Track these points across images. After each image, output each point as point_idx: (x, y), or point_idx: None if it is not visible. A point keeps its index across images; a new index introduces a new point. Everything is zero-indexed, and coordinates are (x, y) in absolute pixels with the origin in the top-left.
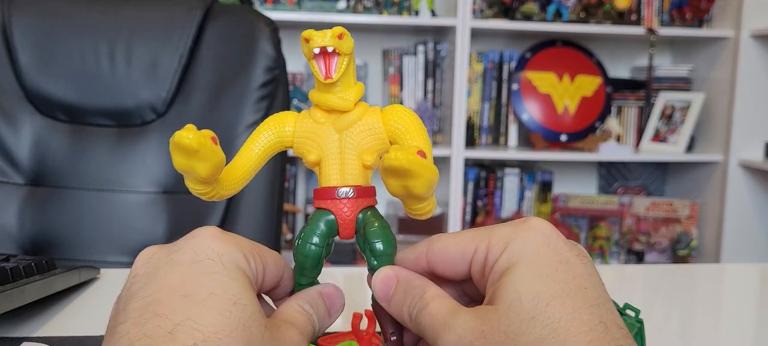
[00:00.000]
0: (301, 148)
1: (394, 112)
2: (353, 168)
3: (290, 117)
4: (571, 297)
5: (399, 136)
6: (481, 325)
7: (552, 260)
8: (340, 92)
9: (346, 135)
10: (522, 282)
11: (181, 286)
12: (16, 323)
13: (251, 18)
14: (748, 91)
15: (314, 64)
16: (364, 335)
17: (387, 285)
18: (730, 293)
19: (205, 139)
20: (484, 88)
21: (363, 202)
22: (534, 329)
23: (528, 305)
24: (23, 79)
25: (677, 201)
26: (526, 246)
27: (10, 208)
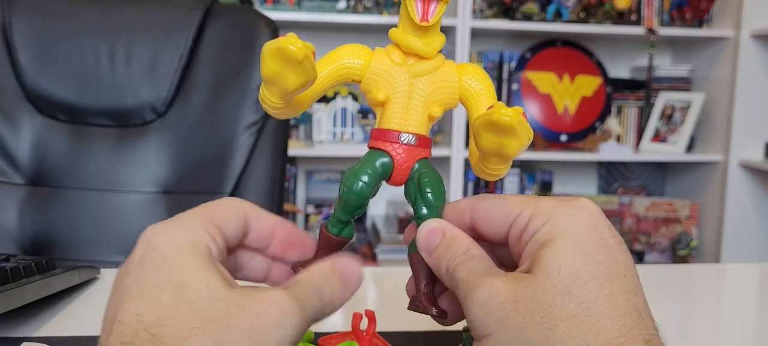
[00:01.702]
0: (369, 85)
1: (472, 69)
2: (418, 115)
3: (364, 51)
4: (610, 281)
5: (473, 96)
6: (515, 288)
7: (595, 241)
8: (426, 37)
9: (420, 82)
10: (563, 256)
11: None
12: (16, 323)
13: (251, 18)
14: (748, 91)
15: (412, 4)
16: (364, 335)
17: (432, 237)
18: (730, 293)
19: (310, 50)
20: None
21: (421, 151)
22: (569, 304)
23: (567, 279)
24: (23, 79)
25: (677, 201)
26: (572, 223)
27: (10, 208)
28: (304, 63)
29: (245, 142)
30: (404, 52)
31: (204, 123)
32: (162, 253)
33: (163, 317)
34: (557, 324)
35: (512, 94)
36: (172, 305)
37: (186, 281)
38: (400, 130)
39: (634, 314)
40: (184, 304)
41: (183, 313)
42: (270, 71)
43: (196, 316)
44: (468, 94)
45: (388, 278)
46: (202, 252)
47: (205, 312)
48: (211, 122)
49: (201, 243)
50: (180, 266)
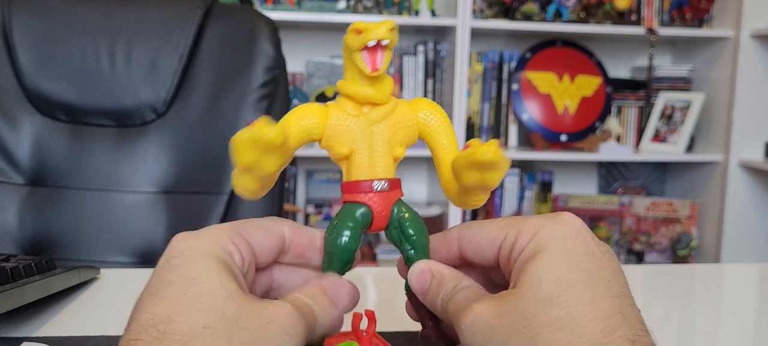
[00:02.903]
0: (330, 142)
1: (425, 105)
2: (384, 160)
3: (317, 109)
4: (593, 286)
5: (432, 131)
6: (499, 306)
7: (578, 250)
8: (377, 85)
9: (378, 128)
10: (545, 267)
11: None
12: (16, 323)
13: (251, 18)
14: (748, 91)
15: (360, 56)
16: (364, 335)
17: (423, 278)
18: (730, 293)
19: (284, 134)
20: (484, 88)
21: (396, 194)
22: (550, 311)
23: (547, 287)
24: (23, 79)
25: (677, 201)
26: (554, 235)
27: (10, 208)
28: (282, 147)
29: None
30: (359, 102)
31: (204, 123)
32: (183, 255)
33: (174, 314)
34: (540, 331)
35: (512, 94)
36: (183, 301)
37: (201, 279)
38: (370, 178)
39: (618, 316)
40: (196, 301)
41: (195, 310)
42: (248, 161)
43: (209, 314)
44: (426, 129)
45: (388, 278)
46: (222, 258)
47: (218, 311)
48: (211, 122)
49: (223, 250)
50: (198, 265)
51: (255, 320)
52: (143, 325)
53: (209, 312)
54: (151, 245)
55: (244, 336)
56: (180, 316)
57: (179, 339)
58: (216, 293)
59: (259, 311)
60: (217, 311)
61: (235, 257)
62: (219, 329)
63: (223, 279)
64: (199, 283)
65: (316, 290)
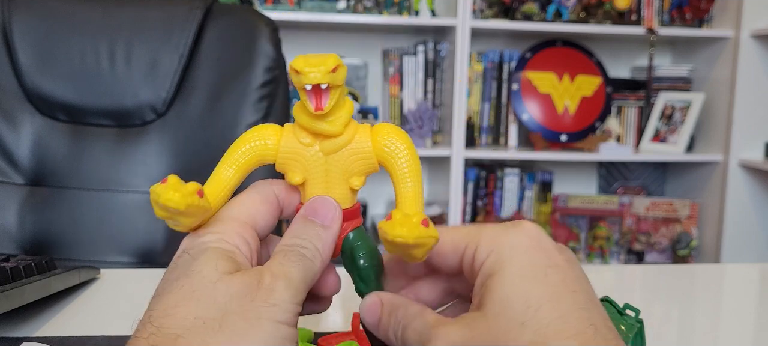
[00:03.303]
0: (284, 167)
1: (384, 133)
2: (340, 191)
3: (273, 132)
4: (561, 301)
5: (390, 162)
6: (469, 332)
7: (541, 263)
8: (330, 117)
9: (334, 158)
10: (511, 286)
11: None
12: (16, 323)
13: (251, 18)
14: (748, 91)
15: (304, 95)
16: (365, 335)
17: (373, 311)
18: (730, 293)
19: (191, 198)
20: (484, 88)
21: (351, 224)
22: (524, 334)
23: (518, 309)
24: (23, 79)
25: (677, 201)
26: (515, 248)
27: (10, 208)
28: (188, 211)
29: None
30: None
31: (204, 123)
32: (187, 253)
33: (169, 307)
34: None
35: (512, 94)
36: (178, 294)
37: (198, 270)
38: None
39: (590, 330)
40: (190, 292)
41: (187, 301)
42: (160, 216)
43: (199, 304)
44: (386, 160)
45: None
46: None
47: (209, 299)
48: (211, 122)
49: (229, 244)
50: (198, 260)
51: (243, 301)
52: (143, 322)
53: (199, 301)
54: (151, 245)
55: (233, 322)
56: (173, 309)
57: (172, 333)
58: (209, 279)
59: (247, 290)
60: (208, 299)
61: (242, 249)
62: (210, 317)
63: (219, 264)
64: (195, 274)
65: (299, 222)
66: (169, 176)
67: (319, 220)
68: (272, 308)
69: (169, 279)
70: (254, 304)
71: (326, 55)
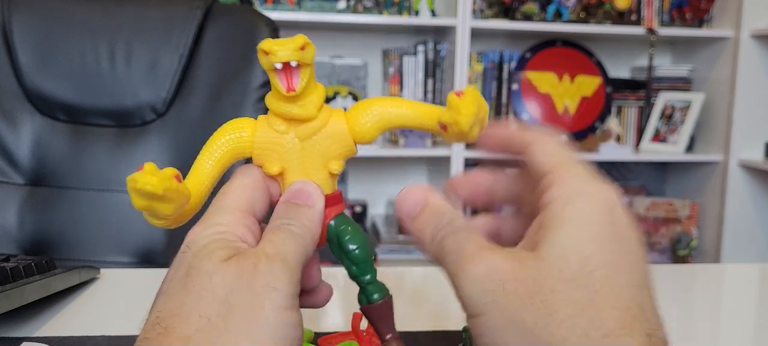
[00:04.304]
0: (261, 159)
1: (358, 111)
2: (319, 177)
3: (247, 124)
4: (617, 273)
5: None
6: (517, 267)
7: (610, 230)
8: (302, 100)
9: (310, 143)
10: (573, 241)
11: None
12: (16, 323)
13: (251, 18)
14: (748, 91)
15: (274, 76)
16: (364, 335)
17: (413, 205)
18: (730, 293)
19: (169, 181)
20: (484, 88)
21: (333, 210)
22: (572, 292)
23: (573, 266)
24: (23, 79)
25: (677, 201)
26: (590, 206)
27: (10, 208)
28: (167, 195)
29: None
30: (286, 119)
31: (204, 123)
32: (189, 248)
33: (175, 307)
34: (557, 310)
35: (512, 94)
36: (183, 292)
37: (201, 265)
38: None
39: (637, 309)
40: (194, 289)
41: (192, 299)
42: (140, 206)
43: (202, 301)
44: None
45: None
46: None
47: (211, 296)
48: (211, 122)
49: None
50: (201, 255)
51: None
52: (151, 323)
53: (201, 298)
54: (151, 245)
55: (236, 317)
56: (179, 308)
57: (182, 333)
58: (205, 272)
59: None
60: (208, 294)
61: (248, 240)
62: (214, 314)
63: (214, 254)
64: (195, 270)
65: (282, 206)
66: (145, 164)
67: (301, 201)
68: (273, 294)
69: (174, 277)
70: (254, 292)
71: (294, 36)
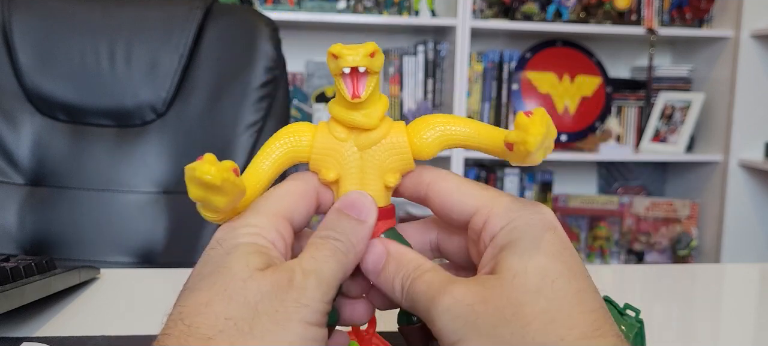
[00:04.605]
0: (318, 165)
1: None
2: (375, 188)
3: (307, 129)
4: (577, 278)
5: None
6: (482, 290)
7: (557, 244)
8: (365, 109)
9: (369, 153)
10: (528, 257)
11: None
12: (16, 323)
13: (251, 18)
14: (748, 91)
15: (341, 81)
16: (365, 335)
17: (377, 259)
18: (730, 293)
19: (227, 173)
20: (484, 88)
21: (385, 224)
22: (539, 301)
23: (534, 277)
24: (23, 79)
25: (677, 201)
26: (532, 226)
27: (10, 208)
28: (224, 186)
29: (245, 142)
30: (347, 127)
31: (204, 123)
32: (220, 246)
33: (200, 305)
34: (530, 321)
35: (512, 94)
36: (210, 291)
37: (230, 266)
38: None
39: (601, 311)
40: (222, 289)
41: (219, 299)
42: (195, 196)
43: (231, 303)
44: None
45: None
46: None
47: (240, 298)
48: (211, 122)
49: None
50: (231, 254)
51: (274, 301)
52: (173, 319)
53: (231, 300)
54: (151, 245)
55: (263, 323)
56: (205, 307)
57: (204, 334)
58: (240, 277)
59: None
60: (239, 298)
61: (278, 245)
62: (241, 318)
63: (251, 259)
64: (226, 270)
65: (333, 215)
66: (205, 154)
67: (354, 213)
68: (302, 309)
69: (201, 273)
70: (284, 305)
71: (364, 43)
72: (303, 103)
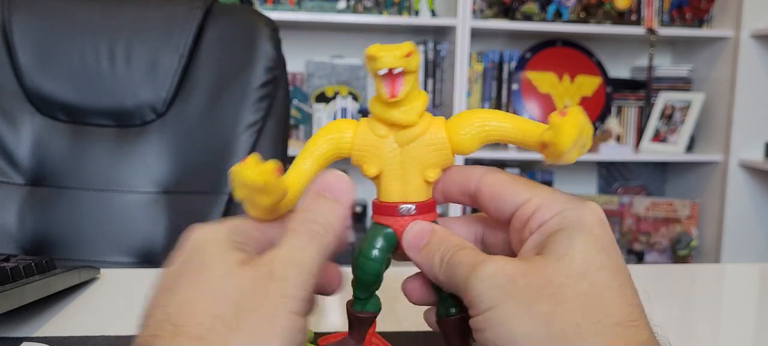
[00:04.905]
0: (359, 160)
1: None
2: (415, 183)
3: (349, 125)
4: (620, 273)
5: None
6: (525, 266)
7: (605, 239)
8: (404, 106)
9: (409, 149)
10: (576, 243)
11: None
12: (16, 323)
13: (251, 18)
14: (748, 91)
15: (379, 81)
16: None
17: (421, 235)
18: (730, 293)
19: (269, 175)
20: (484, 88)
21: (425, 218)
22: (581, 284)
23: (580, 262)
24: (23, 79)
25: (677, 201)
26: (583, 219)
27: (10, 208)
28: (266, 187)
29: (245, 142)
30: (387, 124)
31: (204, 123)
32: (197, 244)
33: (186, 304)
34: (569, 300)
35: (512, 94)
36: (192, 290)
37: (208, 263)
38: (398, 201)
39: (640, 308)
40: (205, 287)
41: (203, 298)
42: (241, 196)
43: (215, 301)
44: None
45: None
46: (233, 237)
47: (223, 295)
48: (211, 122)
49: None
50: (208, 252)
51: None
52: (159, 320)
53: (215, 298)
54: (151, 245)
55: (250, 319)
56: (191, 306)
57: (195, 334)
58: (220, 274)
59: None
60: (222, 295)
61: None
62: (227, 315)
63: (228, 256)
64: (204, 267)
65: (310, 196)
66: (249, 156)
67: (330, 194)
68: (287, 301)
69: (179, 272)
70: (269, 299)
71: (401, 43)
72: (303, 103)
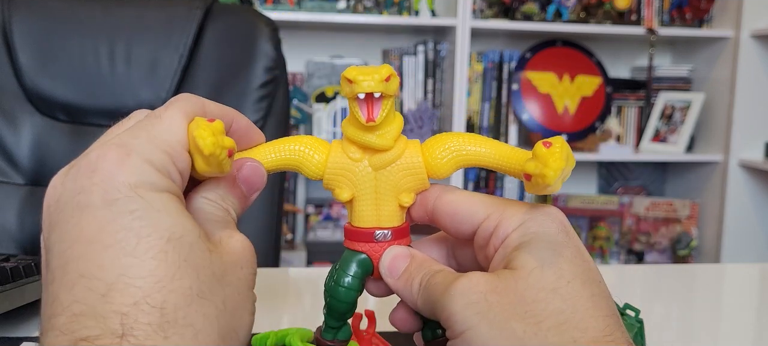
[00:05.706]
0: (332, 184)
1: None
2: (390, 208)
3: (322, 148)
4: (590, 283)
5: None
6: (497, 281)
7: (570, 247)
8: (380, 130)
9: (384, 173)
10: (544, 257)
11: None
12: (16, 323)
13: (251, 18)
14: (748, 91)
15: (355, 105)
16: (364, 335)
17: (400, 262)
18: (730, 293)
19: (220, 151)
20: (484, 88)
21: (400, 243)
22: (554, 301)
23: (550, 276)
24: (23, 79)
25: (677, 201)
26: (545, 229)
27: (10, 208)
28: (210, 159)
29: None
30: (361, 148)
31: None
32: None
33: (165, 279)
34: (544, 319)
35: (512, 94)
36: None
37: (176, 230)
38: (373, 226)
39: (614, 318)
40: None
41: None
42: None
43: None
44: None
45: None
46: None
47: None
48: None
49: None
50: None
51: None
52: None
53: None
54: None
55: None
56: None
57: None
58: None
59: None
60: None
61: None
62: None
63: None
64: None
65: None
66: (217, 121)
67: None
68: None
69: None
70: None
71: (379, 66)
72: (303, 103)
